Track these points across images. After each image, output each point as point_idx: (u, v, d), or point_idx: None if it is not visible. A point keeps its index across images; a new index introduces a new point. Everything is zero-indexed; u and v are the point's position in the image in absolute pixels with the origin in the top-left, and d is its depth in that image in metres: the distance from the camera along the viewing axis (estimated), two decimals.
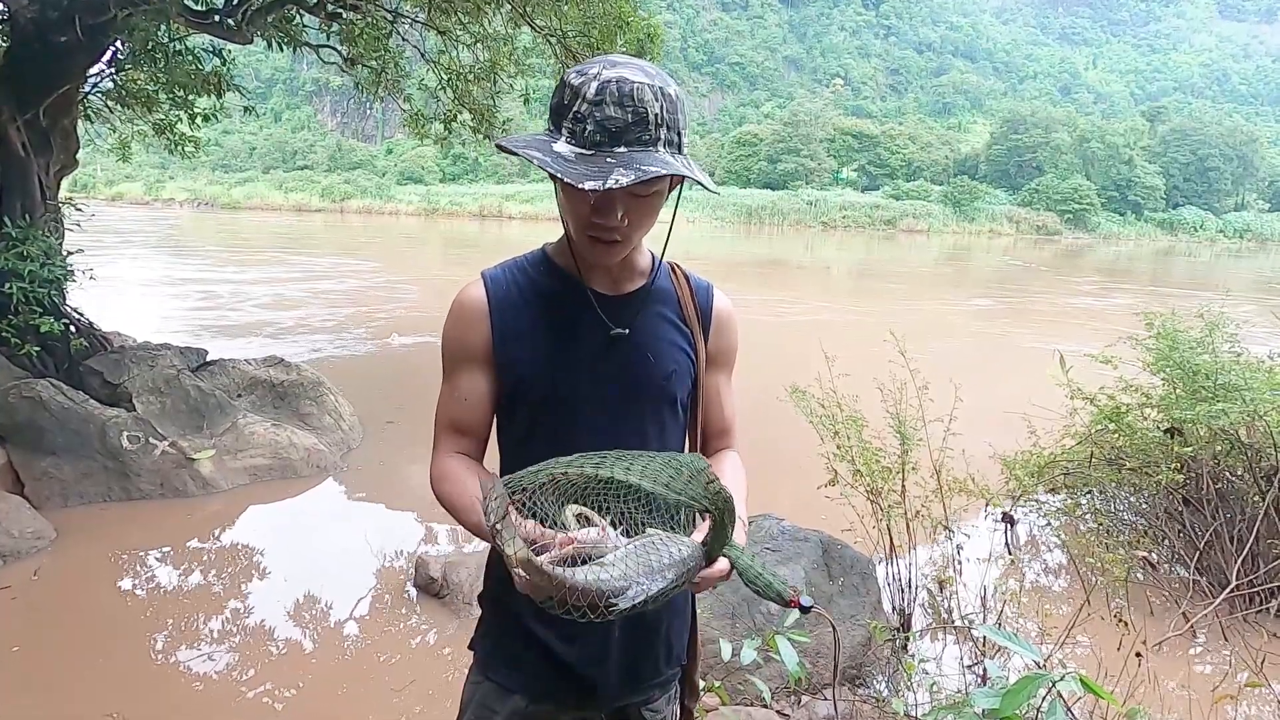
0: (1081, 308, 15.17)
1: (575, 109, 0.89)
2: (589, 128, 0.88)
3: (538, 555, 0.77)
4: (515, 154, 0.98)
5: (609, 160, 0.87)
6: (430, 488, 1.09)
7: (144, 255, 18.01)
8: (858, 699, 2.54)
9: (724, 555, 0.91)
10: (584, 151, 0.88)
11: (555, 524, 0.84)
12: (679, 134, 0.93)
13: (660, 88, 0.90)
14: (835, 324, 11.21)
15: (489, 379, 1.07)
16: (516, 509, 0.82)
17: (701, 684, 1.40)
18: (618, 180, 0.84)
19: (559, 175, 0.85)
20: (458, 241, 27.86)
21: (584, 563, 0.80)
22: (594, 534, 0.82)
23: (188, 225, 30.47)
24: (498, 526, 0.77)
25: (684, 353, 1.11)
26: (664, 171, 0.87)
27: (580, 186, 0.84)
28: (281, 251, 20.25)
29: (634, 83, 0.89)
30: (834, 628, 1.18)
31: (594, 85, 0.88)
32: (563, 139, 0.90)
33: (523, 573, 0.75)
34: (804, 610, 0.91)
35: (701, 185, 0.94)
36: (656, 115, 0.89)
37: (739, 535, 0.96)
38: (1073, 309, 14.93)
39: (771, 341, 9.01)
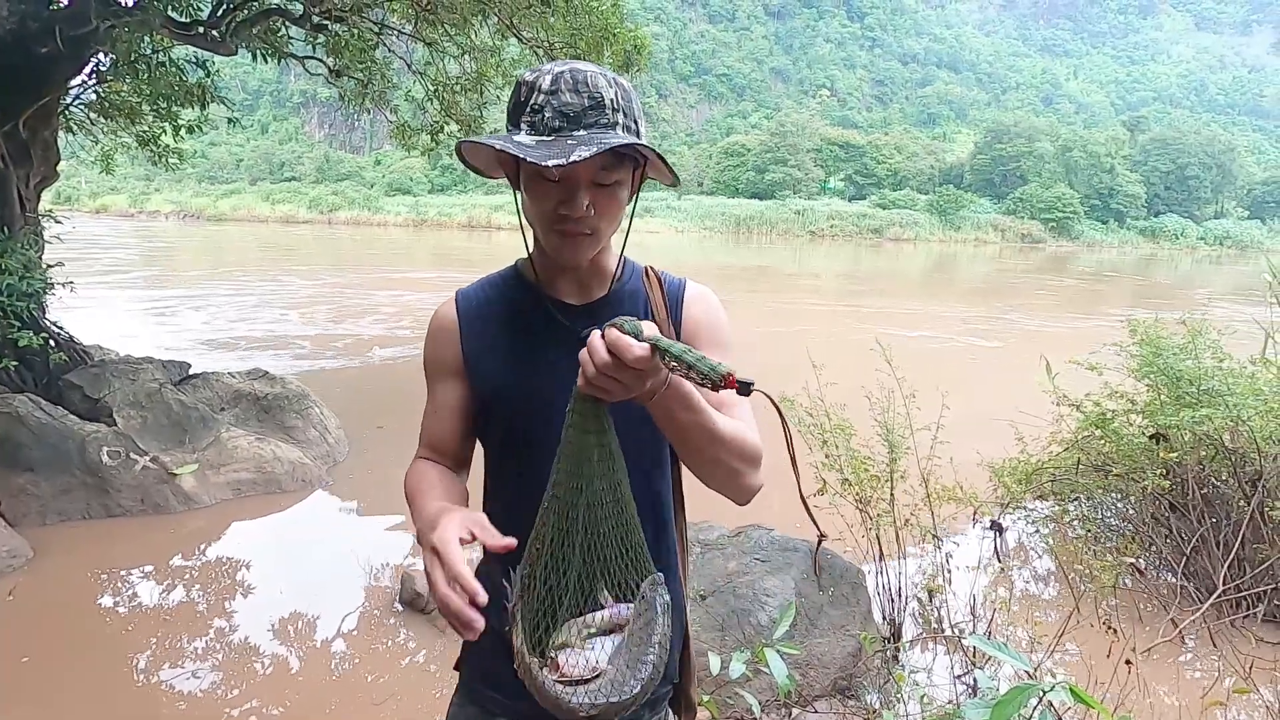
0: (1068, 314, 15.31)
1: (532, 101, 0.91)
2: (547, 115, 0.90)
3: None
4: (474, 166, 1.00)
5: (569, 142, 0.87)
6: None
7: (127, 268, 17.83)
8: (848, 710, 2.53)
9: (646, 341, 0.78)
10: (544, 138, 0.89)
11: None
12: (636, 121, 0.94)
13: (613, 77, 0.93)
14: (823, 332, 11.24)
15: (463, 394, 1.09)
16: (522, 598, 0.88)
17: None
18: (580, 155, 0.83)
19: (521, 157, 0.85)
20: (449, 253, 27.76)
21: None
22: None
23: (173, 237, 30.23)
24: (516, 615, 0.86)
25: None
26: (624, 141, 0.88)
27: (544, 164, 0.84)
28: (266, 263, 20.11)
29: (587, 71, 0.92)
30: (785, 426, 0.89)
31: (548, 77, 0.91)
32: (522, 131, 0.91)
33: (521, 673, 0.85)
34: (745, 391, 0.74)
35: (666, 168, 0.94)
36: (613, 100, 0.91)
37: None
38: (1059, 316, 15.06)
39: (759, 350, 9.02)
